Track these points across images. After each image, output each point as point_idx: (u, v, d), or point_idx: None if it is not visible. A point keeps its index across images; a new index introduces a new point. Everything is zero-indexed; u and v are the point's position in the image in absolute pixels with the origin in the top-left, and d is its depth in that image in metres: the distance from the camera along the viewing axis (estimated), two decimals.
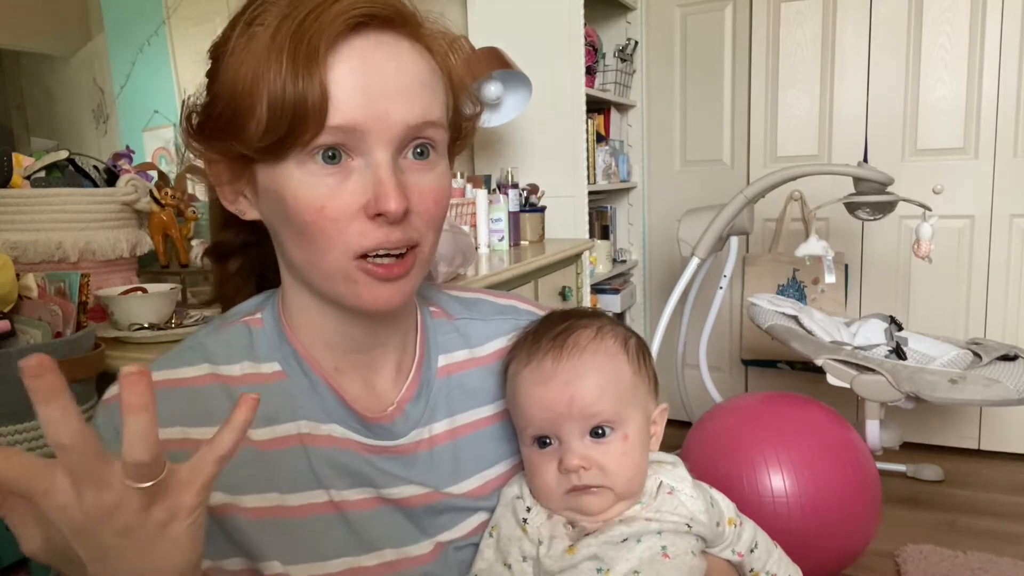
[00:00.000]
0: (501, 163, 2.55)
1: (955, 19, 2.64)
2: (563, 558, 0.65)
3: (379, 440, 0.64)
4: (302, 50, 0.52)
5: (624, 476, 0.65)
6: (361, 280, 0.57)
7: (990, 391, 1.97)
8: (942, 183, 2.69)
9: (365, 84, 0.54)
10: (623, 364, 0.68)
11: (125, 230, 1.28)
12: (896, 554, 2.13)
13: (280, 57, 0.53)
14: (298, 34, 0.53)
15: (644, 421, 0.69)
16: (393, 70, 0.55)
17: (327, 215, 0.55)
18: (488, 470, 0.70)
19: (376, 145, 0.55)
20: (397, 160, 0.56)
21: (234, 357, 0.62)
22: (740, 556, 0.73)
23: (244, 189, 0.61)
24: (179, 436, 0.57)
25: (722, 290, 2.62)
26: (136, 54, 1.60)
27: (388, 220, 0.55)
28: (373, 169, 0.55)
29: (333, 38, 0.53)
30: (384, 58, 0.55)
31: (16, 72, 1.40)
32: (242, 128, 0.55)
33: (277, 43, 0.53)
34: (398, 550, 0.64)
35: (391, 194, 0.54)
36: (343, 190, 0.55)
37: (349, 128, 0.54)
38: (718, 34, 3.01)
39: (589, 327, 0.69)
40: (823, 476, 1.73)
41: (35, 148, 1.37)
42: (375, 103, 0.54)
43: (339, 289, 0.58)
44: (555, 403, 0.65)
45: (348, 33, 0.54)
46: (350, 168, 0.55)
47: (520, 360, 0.69)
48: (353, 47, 0.54)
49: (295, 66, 0.52)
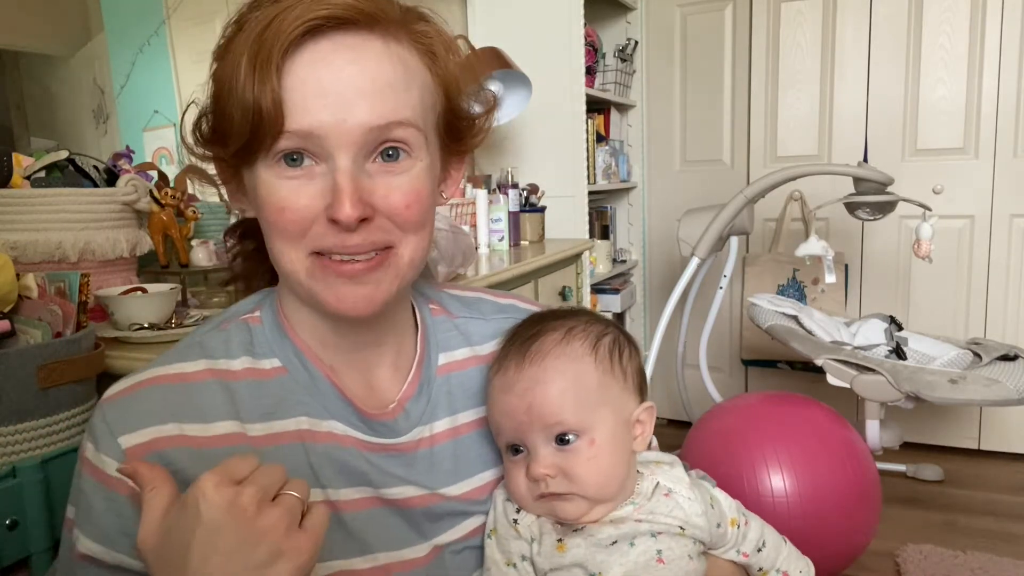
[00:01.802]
0: (501, 163, 2.55)
1: (955, 19, 2.64)
2: (553, 555, 0.64)
3: (380, 438, 0.64)
4: (261, 57, 0.53)
5: (593, 482, 0.64)
6: (320, 278, 0.58)
7: (990, 391, 1.97)
8: (942, 183, 2.69)
9: (321, 88, 0.54)
10: (588, 367, 0.66)
11: (125, 230, 1.28)
12: (896, 554, 2.13)
13: (242, 64, 0.54)
14: (258, 41, 0.54)
15: (617, 422, 0.67)
16: (354, 72, 0.55)
17: (287, 216, 0.56)
18: (486, 471, 0.70)
19: (337, 149, 0.55)
20: (363, 164, 0.56)
21: (233, 353, 0.62)
22: (745, 556, 0.72)
23: (240, 189, 0.62)
24: (175, 432, 0.57)
25: (722, 290, 2.62)
26: (136, 54, 1.60)
27: (342, 227, 0.55)
28: (332, 174, 0.55)
29: (287, 44, 0.54)
30: (344, 61, 0.55)
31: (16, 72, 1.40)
32: (224, 133, 0.57)
33: (243, 50, 0.55)
34: (392, 553, 0.63)
35: (345, 202, 0.54)
36: (303, 193, 0.56)
37: (305, 133, 0.54)
38: (718, 34, 3.01)
39: (557, 331, 0.67)
40: (823, 476, 1.73)
41: (35, 148, 1.37)
42: (332, 107, 0.54)
43: (305, 290, 0.59)
44: (516, 412, 0.65)
45: (305, 38, 0.54)
46: (314, 172, 0.56)
47: (493, 366, 0.68)
48: (310, 51, 0.55)
49: (253, 73, 0.53)
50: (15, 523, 0.86)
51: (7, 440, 0.90)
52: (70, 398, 0.96)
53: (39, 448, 0.92)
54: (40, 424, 0.92)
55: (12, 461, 0.89)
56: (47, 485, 0.89)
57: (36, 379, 0.90)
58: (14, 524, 0.86)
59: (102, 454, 0.56)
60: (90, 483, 0.57)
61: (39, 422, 0.92)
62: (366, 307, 0.58)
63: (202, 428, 0.58)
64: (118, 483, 0.56)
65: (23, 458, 0.90)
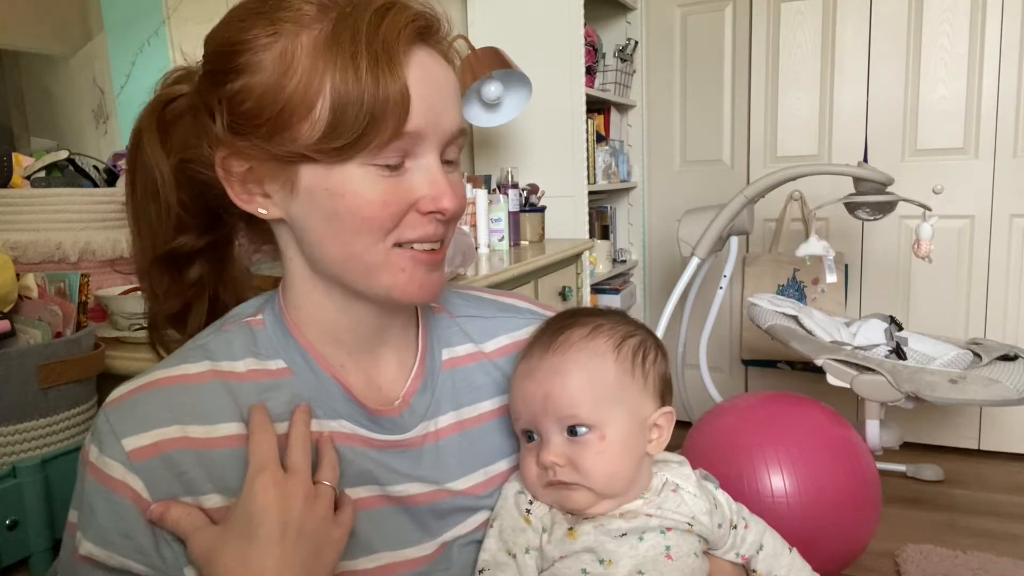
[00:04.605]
0: (501, 163, 2.55)
1: (955, 19, 2.64)
2: (563, 542, 0.65)
3: (387, 434, 0.64)
4: (381, 53, 0.53)
5: (599, 475, 0.65)
6: (408, 268, 0.59)
7: (990, 391, 1.97)
8: (942, 183, 2.69)
9: (427, 91, 0.56)
10: (607, 364, 0.67)
11: (125, 230, 1.28)
12: (896, 554, 2.13)
13: (352, 59, 0.53)
14: (370, 37, 0.53)
15: (631, 422, 0.67)
16: (444, 79, 0.59)
17: (388, 210, 0.57)
18: (492, 465, 0.70)
19: (431, 147, 0.58)
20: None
21: (237, 354, 0.62)
22: (744, 559, 0.73)
23: (270, 188, 0.58)
24: (178, 434, 0.57)
25: (722, 290, 2.62)
26: (136, 54, 1.60)
27: (443, 217, 0.59)
28: (426, 170, 0.58)
29: (407, 43, 0.55)
30: (436, 67, 0.58)
31: (16, 72, 1.40)
32: (289, 127, 0.54)
33: (342, 44, 0.53)
34: (395, 552, 0.63)
35: (449, 193, 0.58)
36: (401, 187, 0.57)
37: (416, 133, 0.56)
38: (718, 34, 3.01)
39: (585, 326, 0.69)
40: (823, 476, 1.73)
41: (35, 148, 1.37)
42: (434, 110, 0.57)
43: (383, 281, 0.59)
44: (533, 398, 0.66)
45: (416, 40, 0.56)
46: (405, 168, 0.58)
47: (521, 353, 0.70)
48: (417, 55, 0.56)
49: (375, 68, 0.53)
50: (15, 523, 0.86)
51: (7, 440, 0.90)
52: (70, 398, 0.96)
53: (39, 448, 0.92)
54: (40, 424, 0.92)
55: (12, 461, 0.89)
56: (47, 485, 0.89)
57: (36, 379, 0.90)
58: (14, 524, 0.86)
59: (105, 456, 0.56)
60: (93, 486, 0.57)
61: (39, 422, 0.92)
62: (438, 291, 0.63)
63: (206, 430, 0.58)
64: (121, 486, 0.56)
65: (23, 458, 0.90)
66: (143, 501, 0.56)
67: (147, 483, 0.56)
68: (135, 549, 0.56)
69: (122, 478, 0.56)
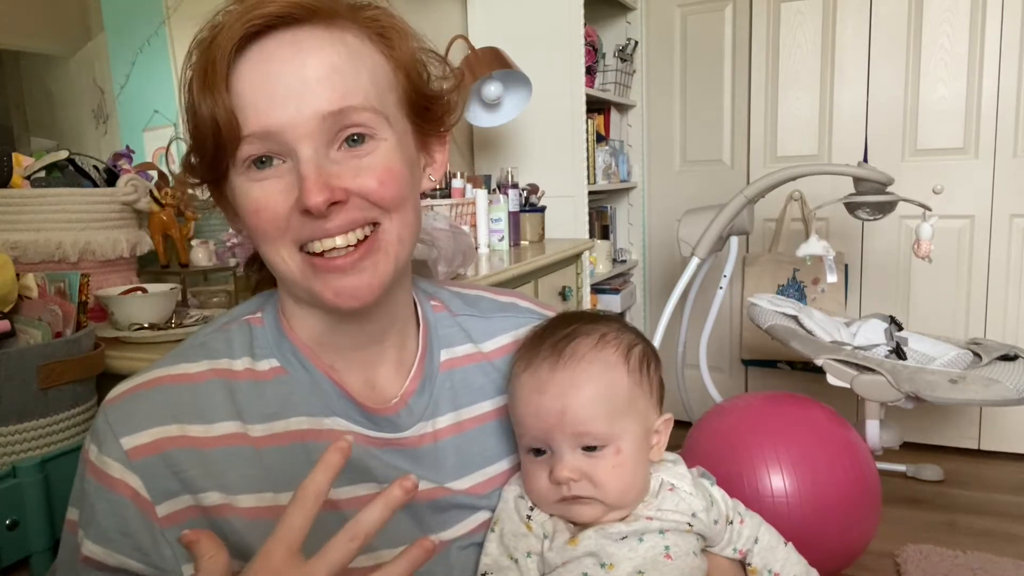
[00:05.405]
0: (501, 163, 2.55)
1: (955, 19, 2.64)
2: (565, 550, 0.65)
3: (384, 432, 0.64)
4: (209, 72, 0.55)
5: (615, 489, 0.65)
6: (314, 276, 0.58)
7: (990, 391, 1.97)
8: (942, 183, 2.69)
9: (269, 87, 0.55)
10: (621, 376, 0.67)
11: (125, 230, 1.28)
12: (896, 554, 2.13)
13: (192, 82, 0.56)
14: (204, 57, 0.56)
15: (641, 433, 0.68)
16: (298, 65, 0.55)
17: (264, 216, 0.57)
18: (491, 466, 0.70)
19: (297, 142, 0.55)
20: (328, 153, 0.56)
21: (236, 353, 0.62)
22: (741, 554, 0.73)
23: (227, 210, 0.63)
24: (177, 433, 0.57)
25: (722, 290, 2.62)
26: (136, 54, 1.60)
27: (314, 215, 0.55)
28: (297, 167, 0.56)
29: (229, 52, 0.55)
30: (288, 55, 0.55)
31: (16, 72, 1.40)
32: (196, 155, 0.59)
33: (195, 71, 0.56)
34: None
35: (312, 189, 0.54)
36: (274, 190, 0.56)
37: (263, 133, 0.55)
38: (718, 34, 3.01)
39: (592, 335, 0.68)
40: (823, 476, 1.73)
41: (35, 148, 1.36)
42: (284, 102, 0.55)
43: (303, 290, 0.59)
44: (548, 414, 0.65)
45: (250, 43, 0.56)
46: (282, 170, 0.57)
47: (521, 362, 0.69)
48: (255, 53, 0.56)
49: (204, 89, 0.55)
50: (15, 523, 0.86)
51: (7, 440, 0.90)
52: (70, 398, 0.96)
53: (39, 448, 0.92)
54: (40, 424, 0.92)
55: (12, 461, 0.89)
56: (47, 485, 0.89)
57: (36, 379, 0.90)
58: (14, 524, 0.86)
59: (105, 455, 0.56)
60: (92, 485, 0.57)
61: (39, 422, 0.92)
62: (366, 295, 0.58)
63: (204, 428, 0.58)
64: (120, 484, 0.56)
65: (23, 458, 0.90)
66: (142, 499, 0.56)
67: (145, 481, 0.56)
68: (134, 547, 0.56)
69: (121, 476, 0.56)
